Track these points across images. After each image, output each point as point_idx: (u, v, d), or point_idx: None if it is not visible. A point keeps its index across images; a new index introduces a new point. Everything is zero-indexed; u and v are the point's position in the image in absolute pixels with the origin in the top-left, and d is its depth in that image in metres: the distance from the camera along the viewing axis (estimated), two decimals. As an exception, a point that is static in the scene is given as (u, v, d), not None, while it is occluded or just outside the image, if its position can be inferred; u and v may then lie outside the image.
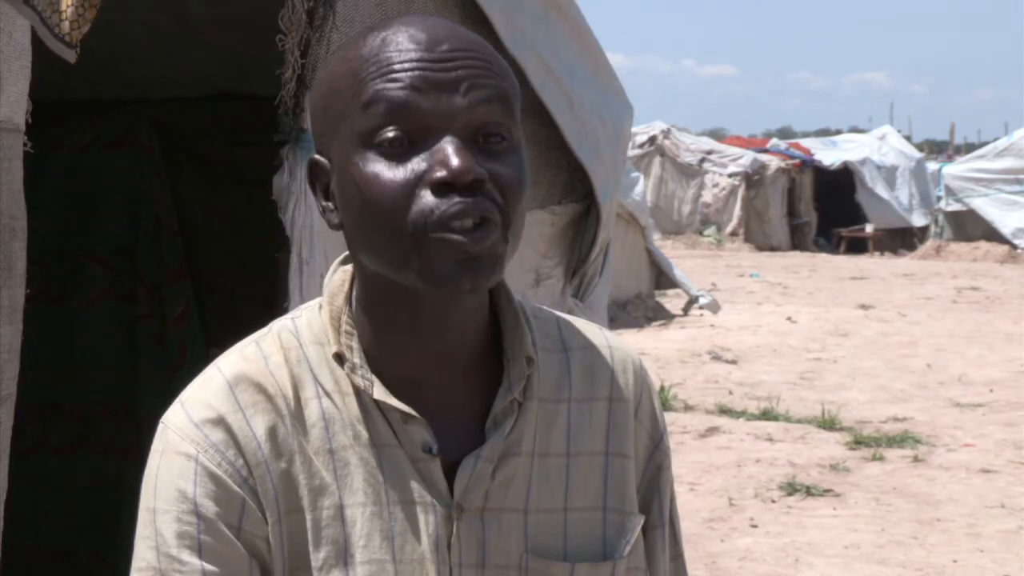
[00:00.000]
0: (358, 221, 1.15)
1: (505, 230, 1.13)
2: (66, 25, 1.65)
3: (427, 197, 1.11)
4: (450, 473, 1.20)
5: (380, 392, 1.19)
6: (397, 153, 1.12)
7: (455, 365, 1.22)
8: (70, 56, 1.67)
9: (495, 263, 1.13)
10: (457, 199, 1.10)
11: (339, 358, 1.21)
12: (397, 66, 1.12)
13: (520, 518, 1.24)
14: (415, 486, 1.20)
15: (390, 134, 1.12)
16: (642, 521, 1.31)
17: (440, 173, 1.10)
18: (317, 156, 1.21)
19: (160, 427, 1.22)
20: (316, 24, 2.31)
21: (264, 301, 2.67)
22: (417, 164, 1.12)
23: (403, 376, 1.21)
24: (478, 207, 1.11)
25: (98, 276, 3.95)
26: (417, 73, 1.12)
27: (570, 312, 3.25)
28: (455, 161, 1.10)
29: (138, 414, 3.80)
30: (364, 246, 1.17)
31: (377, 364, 1.21)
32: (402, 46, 1.14)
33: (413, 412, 1.19)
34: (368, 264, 1.18)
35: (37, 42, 1.66)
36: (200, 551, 1.15)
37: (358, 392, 1.21)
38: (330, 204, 1.20)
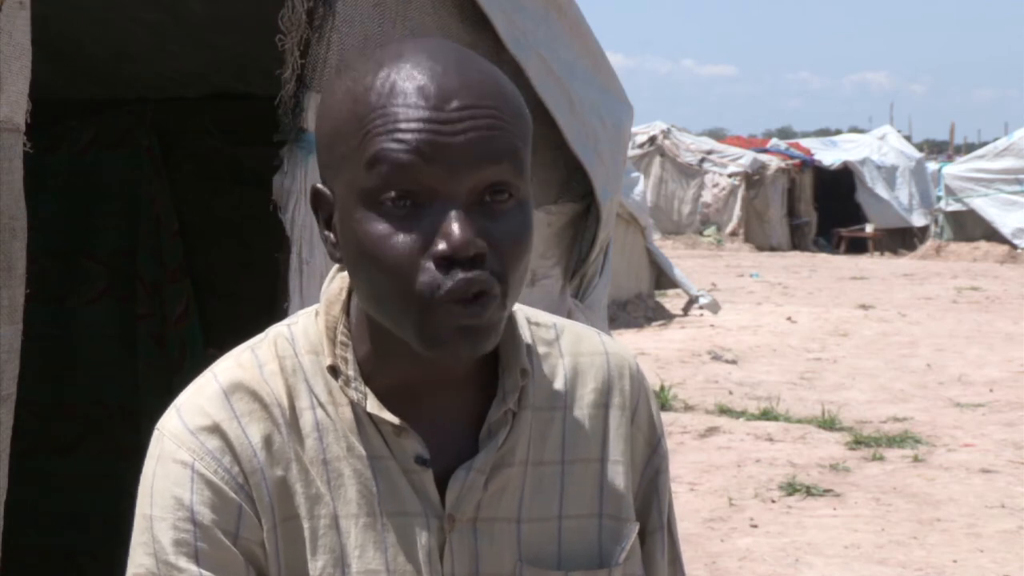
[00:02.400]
0: (359, 274, 1.14)
1: (504, 298, 1.13)
2: None
3: (431, 270, 1.10)
4: (443, 483, 1.21)
5: (373, 405, 1.19)
6: (400, 215, 1.10)
7: (450, 377, 1.22)
8: None
9: (493, 331, 1.13)
10: (459, 275, 1.09)
11: (333, 370, 1.21)
12: (403, 125, 1.09)
13: (513, 528, 1.24)
14: (408, 497, 1.20)
15: (393, 195, 1.10)
16: (638, 527, 1.31)
17: (442, 247, 1.09)
18: (320, 186, 1.19)
19: (156, 433, 1.22)
20: (316, 24, 2.31)
21: (264, 301, 2.67)
22: (420, 232, 1.10)
23: (397, 387, 1.21)
24: (478, 282, 1.10)
25: (97, 276, 3.95)
26: (424, 136, 1.09)
27: (569, 312, 3.26)
28: (457, 236, 1.08)
29: (138, 414, 3.80)
30: (363, 295, 1.17)
31: (371, 374, 1.21)
32: (410, 99, 1.10)
33: (405, 425, 1.19)
34: (365, 308, 1.19)
35: (37, 42, 1.66)
36: (197, 558, 1.16)
37: (352, 403, 1.21)
38: (331, 236, 1.18)
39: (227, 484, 1.17)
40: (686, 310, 14.05)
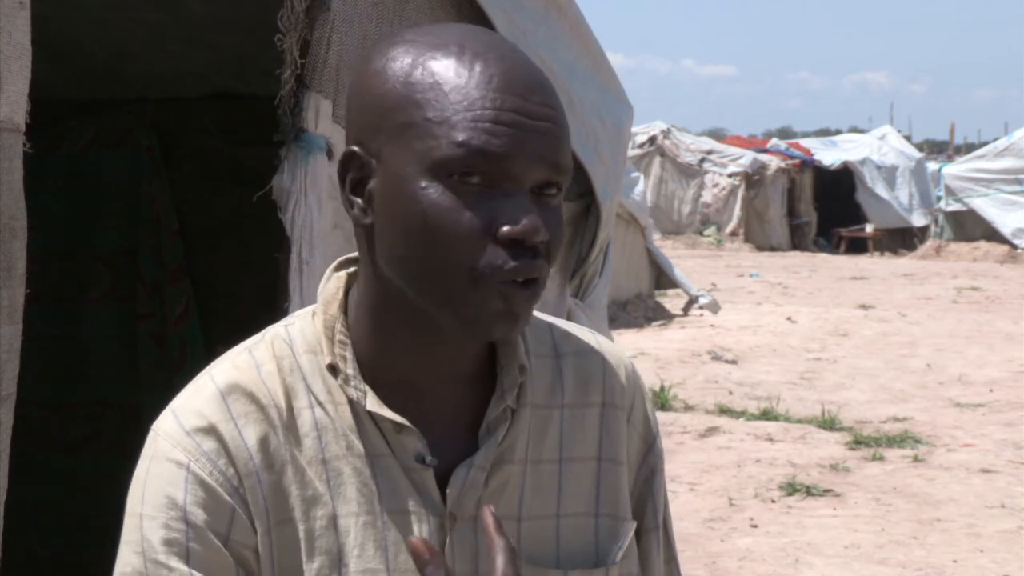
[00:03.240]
0: (407, 243, 1.13)
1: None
2: None
3: (496, 249, 1.11)
4: (443, 481, 1.20)
5: (373, 403, 1.19)
6: (467, 192, 1.11)
7: (450, 373, 1.22)
8: None
9: (528, 319, 1.16)
10: (523, 258, 1.12)
11: (332, 369, 1.21)
12: (494, 113, 1.11)
13: (513, 526, 1.23)
14: (408, 495, 1.20)
15: (470, 173, 1.11)
16: (635, 526, 1.31)
17: (509, 229, 1.11)
18: (356, 148, 1.17)
19: (151, 434, 1.21)
20: (315, 24, 2.31)
21: (264, 301, 2.67)
22: (486, 212, 1.11)
23: (397, 384, 1.21)
24: (536, 268, 1.13)
25: (97, 276, 3.95)
26: (515, 131, 1.11)
27: (570, 312, 3.26)
28: (528, 222, 1.11)
29: (139, 414, 3.81)
30: (400, 264, 1.15)
31: (371, 371, 1.21)
32: (496, 84, 1.12)
33: (406, 422, 1.19)
34: (392, 276, 1.17)
35: (37, 42, 1.66)
36: (188, 558, 1.15)
37: (351, 401, 1.20)
38: (359, 200, 1.17)
39: (221, 486, 1.16)
40: (686, 310, 14.06)
